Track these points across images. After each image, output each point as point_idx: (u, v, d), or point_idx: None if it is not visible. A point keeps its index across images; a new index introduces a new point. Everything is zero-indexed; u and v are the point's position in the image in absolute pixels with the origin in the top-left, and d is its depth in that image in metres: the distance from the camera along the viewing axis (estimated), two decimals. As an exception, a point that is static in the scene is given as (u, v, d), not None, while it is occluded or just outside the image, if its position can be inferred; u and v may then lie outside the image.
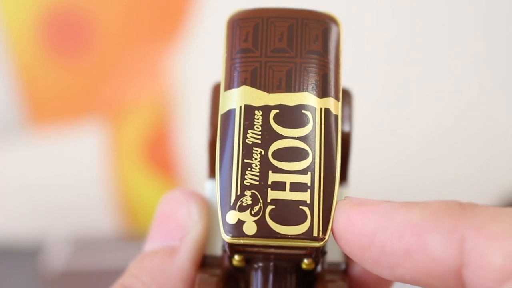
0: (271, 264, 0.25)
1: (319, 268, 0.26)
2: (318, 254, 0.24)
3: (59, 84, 0.63)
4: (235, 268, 0.25)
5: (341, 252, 0.26)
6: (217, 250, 0.26)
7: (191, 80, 0.64)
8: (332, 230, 0.23)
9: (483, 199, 0.67)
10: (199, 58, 0.63)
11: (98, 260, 0.62)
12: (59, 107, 0.65)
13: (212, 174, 0.27)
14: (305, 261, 0.24)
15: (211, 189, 0.27)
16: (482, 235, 0.20)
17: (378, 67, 0.64)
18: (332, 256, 0.26)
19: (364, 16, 0.62)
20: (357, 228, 0.22)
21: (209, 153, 0.27)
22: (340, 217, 0.22)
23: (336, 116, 0.24)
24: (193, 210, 0.26)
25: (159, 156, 0.67)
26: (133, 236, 0.67)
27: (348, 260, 0.26)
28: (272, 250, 0.24)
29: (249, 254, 0.24)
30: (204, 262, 0.26)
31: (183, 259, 0.26)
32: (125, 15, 0.62)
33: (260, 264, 0.25)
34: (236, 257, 0.24)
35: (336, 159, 0.24)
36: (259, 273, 0.25)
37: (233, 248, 0.24)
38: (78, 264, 0.62)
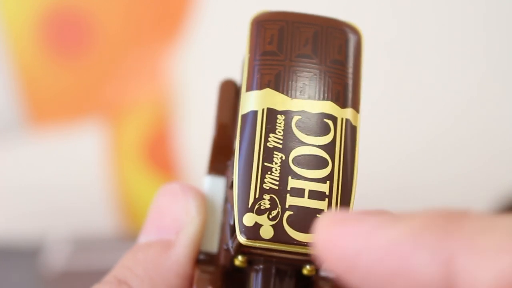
0: (273, 267, 0.24)
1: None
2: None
3: (59, 84, 0.63)
4: (235, 268, 0.25)
5: None
6: (212, 247, 0.26)
7: (191, 80, 0.64)
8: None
9: (483, 199, 0.67)
10: (199, 58, 0.63)
11: (98, 260, 0.62)
12: (59, 107, 0.65)
13: (211, 170, 0.27)
14: (308, 267, 0.24)
15: (209, 184, 0.27)
16: (470, 252, 0.19)
17: (378, 67, 0.64)
18: None
19: (364, 16, 0.62)
20: (339, 250, 0.20)
21: (212, 151, 0.27)
22: (321, 236, 0.20)
23: (355, 128, 0.24)
24: (190, 205, 0.26)
25: (159, 156, 0.67)
26: (133, 236, 0.67)
27: None
28: (276, 254, 0.24)
29: (253, 256, 0.24)
30: (199, 259, 0.26)
31: (179, 253, 0.25)
32: (125, 15, 0.62)
33: (261, 266, 0.24)
34: (240, 257, 0.24)
35: (354, 171, 0.24)
36: (260, 275, 0.24)
37: (239, 249, 0.24)
38: (78, 264, 0.62)
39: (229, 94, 0.26)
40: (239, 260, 0.24)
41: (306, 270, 0.24)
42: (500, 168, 0.67)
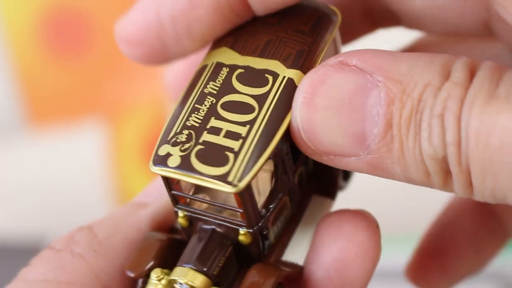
0: (211, 227, 0.26)
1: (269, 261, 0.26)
2: (253, 225, 0.25)
3: (59, 84, 0.64)
4: (184, 230, 0.26)
5: (303, 257, 0.27)
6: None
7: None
8: None
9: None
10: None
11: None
12: (59, 107, 0.65)
13: None
14: (241, 231, 0.25)
15: None
16: None
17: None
18: (293, 258, 0.27)
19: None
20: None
21: None
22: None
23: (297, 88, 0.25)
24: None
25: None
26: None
27: (304, 268, 0.27)
28: (211, 213, 0.25)
29: (191, 212, 0.25)
30: (171, 229, 0.27)
31: (148, 212, 0.27)
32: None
33: (202, 226, 0.26)
34: (180, 213, 0.26)
35: (282, 122, 0.24)
36: (197, 233, 0.26)
37: (175, 199, 0.25)
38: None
39: None
40: (180, 217, 0.26)
41: (241, 235, 0.25)
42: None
